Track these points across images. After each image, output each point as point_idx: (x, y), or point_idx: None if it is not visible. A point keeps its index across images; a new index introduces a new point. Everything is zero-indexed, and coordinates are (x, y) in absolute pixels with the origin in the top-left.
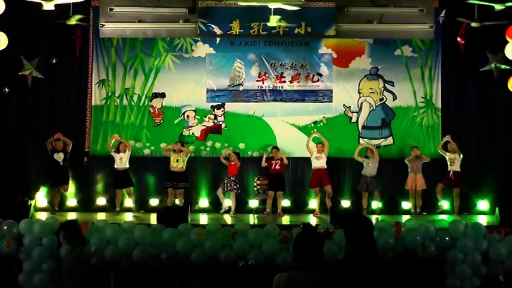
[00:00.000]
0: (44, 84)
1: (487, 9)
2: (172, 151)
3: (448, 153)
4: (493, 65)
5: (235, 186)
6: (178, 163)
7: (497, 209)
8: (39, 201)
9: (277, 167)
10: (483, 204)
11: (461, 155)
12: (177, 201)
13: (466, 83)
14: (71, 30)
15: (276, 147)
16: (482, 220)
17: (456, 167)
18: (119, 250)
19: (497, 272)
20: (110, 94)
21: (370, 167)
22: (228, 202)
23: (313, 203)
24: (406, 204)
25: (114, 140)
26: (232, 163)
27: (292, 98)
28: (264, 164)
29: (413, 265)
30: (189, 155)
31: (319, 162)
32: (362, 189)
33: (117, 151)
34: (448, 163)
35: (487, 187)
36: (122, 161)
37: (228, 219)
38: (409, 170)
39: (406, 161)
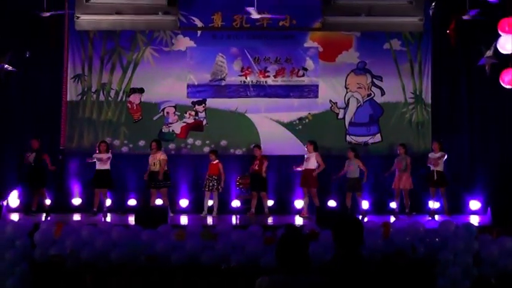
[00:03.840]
0: (17, 78)
1: (479, 1)
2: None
3: (433, 153)
4: (485, 60)
5: (217, 186)
6: (156, 165)
7: (489, 208)
8: (12, 202)
9: (256, 167)
10: (475, 204)
11: (446, 155)
12: (159, 202)
13: (457, 78)
14: (46, 22)
15: (257, 146)
16: (474, 220)
17: (440, 167)
18: (96, 252)
19: (489, 274)
20: (86, 89)
21: (350, 170)
22: (210, 202)
23: (300, 203)
24: (394, 204)
25: None
26: (214, 162)
27: (277, 93)
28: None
29: (402, 267)
30: (162, 158)
31: (306, 163)
32: (346, 189)
33: (98, 151)
34: (431, 164)
35: (479, 186)
36: (102, 160)
37: (209, 219)
38: (395, 168)
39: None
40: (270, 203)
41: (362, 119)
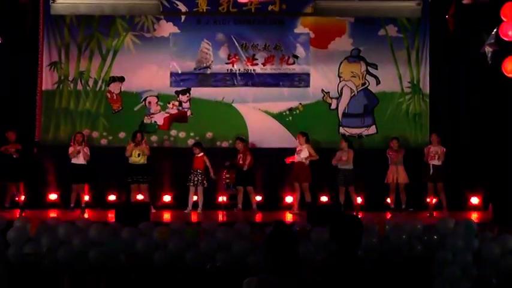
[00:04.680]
0: None
1: None
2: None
3: (427, 147)
4: (486, 47)
5: (202, 181)
6: (140, 158)
7: (490, 204)
8: None
9: (240, 161)
10: (475, 200)
11: (444, 148)
12: (140, 197)
13: (457, 67)
14: (21, 7)
15: (239, 138)
16: (474, 217)
17: (437, 161)
18: (73, 251)
19: (489, 274)
20: (62, 78)
21: (343, 160)
22: (194, 198)
23: (290, 199)
24: (390, 200)
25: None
26: (198, 155)
27: (265, 82)
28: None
29: (398, 266)
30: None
31: (297, 156)
32: (339, 183)
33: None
34: (428, 157)
35: (480, 181)
36: (79, 154)
37: (194, 216)
38: (389, 161)
39: (388, 153)
40: (258, 198)
41: (356, 110)
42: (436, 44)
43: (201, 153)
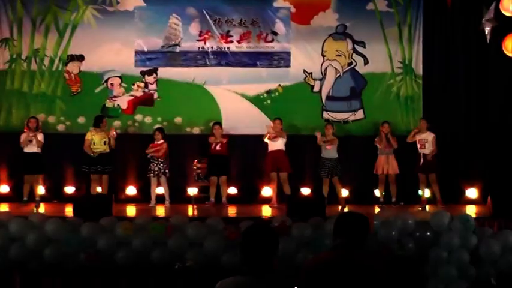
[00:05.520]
0: None
1: None
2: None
3: (417, 134)
4: (485, 23)
5: (164, 170)
6: (105, 145)
7: (489, 197)
8: None
9: (218, 147)
10: (472, 192)
11: (434, 134)
12: (99, 189)
13: (453, 45)
14: None
15: (218, 123)
16: (471, 211)
17: (428, 150)
18: (27, 249)
19: (488, 274)
20: (15, 56)
21: (328, 149)
22: (159, 190)
23: (268, 191)
24: (378, 192)
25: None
26: (159, 142)
27: (241, 61)
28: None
29: (388, 265)
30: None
31: (275, 143)
32: (323, 174)
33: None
34: (418, 146)
35: (477, 171)
36: (32, 141)
37: (161, 210)
38: (378, 151)
39: (376, 141)
40: (233, 191)
41: (341, 93)
42: (430, 19)
43: (162, 140)
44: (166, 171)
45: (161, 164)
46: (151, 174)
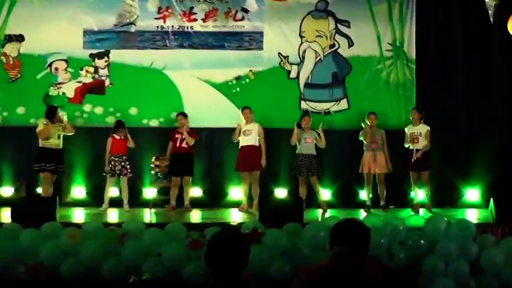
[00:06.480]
0: None
1: None
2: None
3: (407, 126)
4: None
5: (126, 170)
6: (59, 139)
7: (491, 200)
8: None
9: (184, 144)
10: (472, 194)
11: (428, 127)
12: (39, 190)
13: (450, 25)
14: None
15: (182, 113)
16: (472, 216)
17: (421, 144)
18: None
19: (490, 287)
20: None
21: (308, 143)
22: (113, 192)
23: (238, 193)
24: (365, 194)
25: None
26: (121, 137)
27: (207, 43)
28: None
29: (375, 279)
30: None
31: (246, 137)
32: (300, 173)
33: None
34: (409, 139)
35: (478, 171)
36: None
37: (113, 215)
38: (364, 147)
39: (360, 135)
40: (197, 192)
41: (322, 79)
42: None
43: (124, 135)
44: (129, 170)
45: (124, 163)
46: (109, 174)
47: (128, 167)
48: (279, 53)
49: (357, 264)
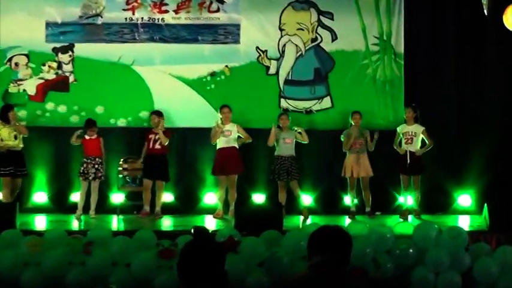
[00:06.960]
0: None
1: None
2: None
3: (400, 126)
4: None
5: (101, 173)
6: (16, 140)
7: (485, 206)
8: None
9: (158, 145)
10: (465, 200)
11: (423, 128)
12: (5, 196)
13: (441, 17)
14: None
15: (157, 112)
16: (464, 223)
17: (415, 146)
18: None
19: None
20: None
21: (287, 144)
22: (75, 196)
23: (213, 198)
24: (349, 200)
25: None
26: (93, 137)
27: (179, 36)
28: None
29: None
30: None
31: (226, 139)
32: (279, 177)
33: None
34: (403, 141)
35: (472, 174)
36: None
37: (76, 222)
38: (343, 148)
39: (342, 136)
40: (169, 198)
41: (304, 76)
42: None
43: (96, 135)
44: (103, 173)
45: (98, 165)
46: (82, 177)
47: (102, 170)
48: (257, 47)
49: (338, 274)
